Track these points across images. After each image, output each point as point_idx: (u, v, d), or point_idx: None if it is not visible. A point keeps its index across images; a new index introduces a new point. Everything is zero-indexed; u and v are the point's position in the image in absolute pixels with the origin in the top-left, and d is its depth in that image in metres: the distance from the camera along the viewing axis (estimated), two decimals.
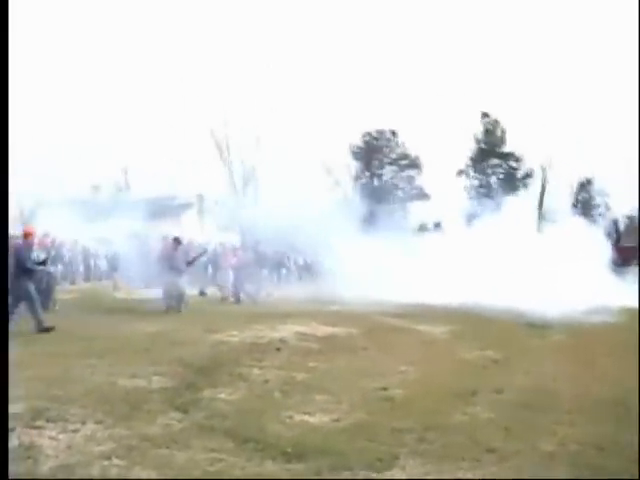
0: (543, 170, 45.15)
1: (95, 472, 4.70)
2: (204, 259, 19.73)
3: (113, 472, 4.71)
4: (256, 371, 8.33)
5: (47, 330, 10.76)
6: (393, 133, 48.54)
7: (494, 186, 44.89)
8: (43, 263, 11.54)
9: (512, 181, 46.36)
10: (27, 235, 11.10)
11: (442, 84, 57.80)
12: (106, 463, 4.87)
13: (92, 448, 5.18)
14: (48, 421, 5.79)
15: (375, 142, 48.36)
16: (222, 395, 7.06)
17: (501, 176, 47.43)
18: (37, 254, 11.48)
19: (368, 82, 55.19)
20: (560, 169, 43.37)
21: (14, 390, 6.59)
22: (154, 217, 24.19)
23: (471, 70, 57.42)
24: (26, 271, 10.85)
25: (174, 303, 14.68)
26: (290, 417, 6.42)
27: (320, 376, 8.27)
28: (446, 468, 5.16)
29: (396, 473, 5.03)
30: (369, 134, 48.34)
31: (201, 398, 6.88)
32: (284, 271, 19.43)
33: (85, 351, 9.04)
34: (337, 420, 6.40)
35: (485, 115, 48.17)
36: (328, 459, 5.19)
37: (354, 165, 47.85)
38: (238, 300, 17.57)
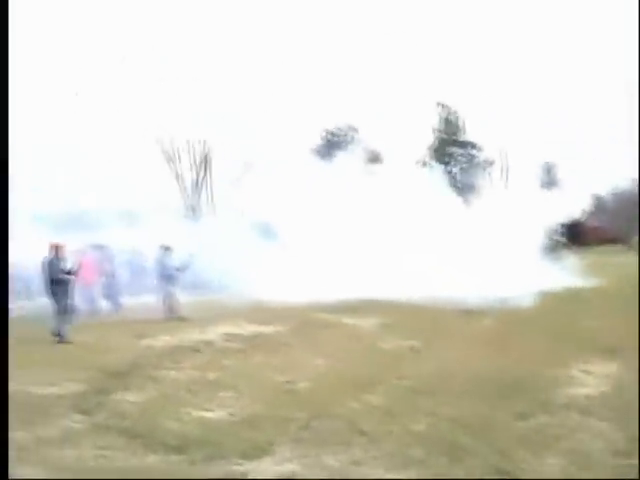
0: (503, 156, 46.43)
1: None
2: None
3: None
4: (172, 373, 8.78)
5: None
6: (353, 129, 48.75)
7: (455, 174, 45.52)
8: (69, 272, 12.31)
9: (472, 169, 47.05)
10: (56, 248, 12.08)
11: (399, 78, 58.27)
12: None
13: None
14: None
15: (335, 138, 48.58)
16: (129, 397, 7.52)
17: (463, 165, 48.17)
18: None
19: (324, 79, 55.22)
20: (521, 155, 44.29)
21: None
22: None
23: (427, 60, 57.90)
24: (57, 282, 11.94)
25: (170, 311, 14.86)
26: (188, 413, 6.91)
27: (232, 374, 8.72)
28: (314, 452, 5.68)
29: (265, 460, 5.54)
30: (329, 131, 48.61)
31: (108, 400, 7.34)
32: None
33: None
34: (232, 414, 6.90)
35: (443, 106, 48.95)
36: (206, 450, 5.69)
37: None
38: None
